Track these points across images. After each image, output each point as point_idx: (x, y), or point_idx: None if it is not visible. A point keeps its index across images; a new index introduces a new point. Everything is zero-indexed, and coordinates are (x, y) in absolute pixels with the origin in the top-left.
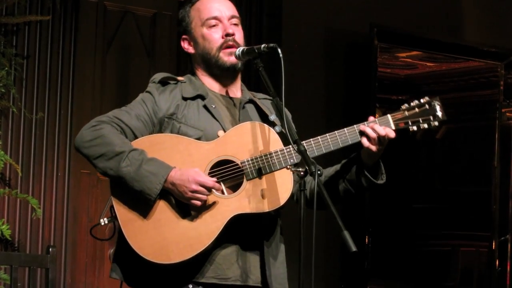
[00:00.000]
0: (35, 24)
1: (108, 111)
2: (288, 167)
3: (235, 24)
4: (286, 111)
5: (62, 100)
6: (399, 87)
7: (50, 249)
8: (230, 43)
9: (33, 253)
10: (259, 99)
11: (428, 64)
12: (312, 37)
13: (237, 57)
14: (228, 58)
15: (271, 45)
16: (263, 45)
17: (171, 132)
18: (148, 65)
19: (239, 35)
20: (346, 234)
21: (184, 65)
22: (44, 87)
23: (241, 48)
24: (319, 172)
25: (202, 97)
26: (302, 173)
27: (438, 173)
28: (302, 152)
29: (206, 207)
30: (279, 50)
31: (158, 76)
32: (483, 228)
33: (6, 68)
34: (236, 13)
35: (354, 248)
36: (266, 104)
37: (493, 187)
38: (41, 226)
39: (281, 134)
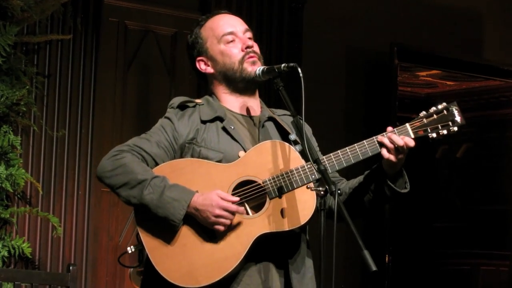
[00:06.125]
0: (56, 43)
1: (128, 129)
2: (309, 186)
3: (249, 38)
4: (306, 126)
5: (83, 119)
6: (419, 105)
7: (71, 267)
8: (252, 54)
9: (54, 271)
10: (278, 115)
11: (448, 83)
12: (332, 56)
13: (257, 76)
14: (253, 68)
15: (291, 64)
16: (283, 65)
17: (192, 156)
18: (168, 83)
19: (256, 48)
20: (366, 253)
21: (205, 83)
22: (65, 106)
23: (261, 68)
24: (339, 191)
25: (221, 119)
26: (322, 192)
27: (458, 192)
28: (322, 171)
29: (231, 228)
30: (299, 70)
31: (176, 100)
32: (504, 247)
33: (27, 87)
34: (247, 27)
35: (374, 268)
36: (286, 120)
37: None
38: (62, 244)
39: (302, 153)
